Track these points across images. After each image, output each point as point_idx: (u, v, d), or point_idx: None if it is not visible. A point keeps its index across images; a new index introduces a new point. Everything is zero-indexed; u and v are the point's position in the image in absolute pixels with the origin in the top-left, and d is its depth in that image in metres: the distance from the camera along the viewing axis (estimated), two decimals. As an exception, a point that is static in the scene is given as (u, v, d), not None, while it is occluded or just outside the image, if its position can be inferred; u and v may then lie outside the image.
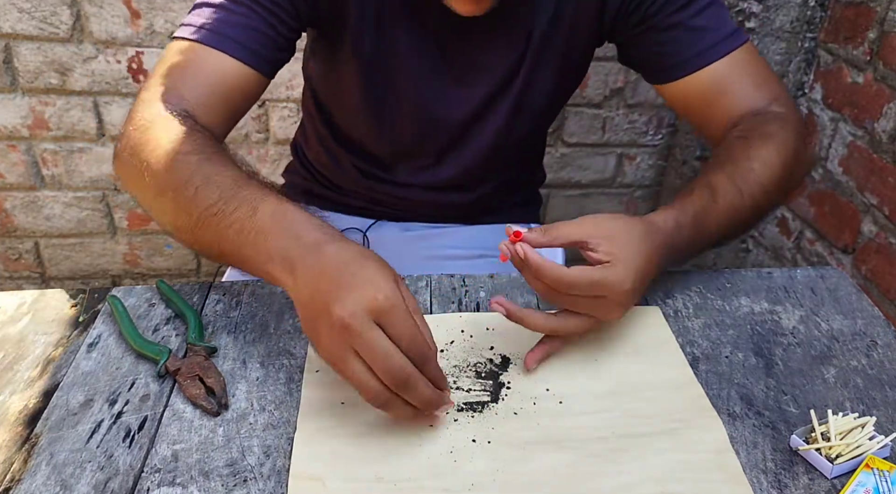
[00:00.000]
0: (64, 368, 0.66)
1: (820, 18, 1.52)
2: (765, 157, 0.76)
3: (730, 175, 0.74)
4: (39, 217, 1.63)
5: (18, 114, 1.50)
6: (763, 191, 0.75)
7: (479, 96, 0.88)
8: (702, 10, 0.81)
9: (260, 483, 0.55)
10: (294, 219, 0.60)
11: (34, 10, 1.39)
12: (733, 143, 0.78)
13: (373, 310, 0.53)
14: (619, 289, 0.61)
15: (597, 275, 0.61)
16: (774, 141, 0.77)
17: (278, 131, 1.59)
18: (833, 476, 0.57)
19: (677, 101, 0.87)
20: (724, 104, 0.82)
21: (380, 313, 0.53)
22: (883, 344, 0.72)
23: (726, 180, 0.73)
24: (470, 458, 0.57)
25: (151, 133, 0.70)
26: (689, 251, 0.71)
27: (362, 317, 0.52)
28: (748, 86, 0.82)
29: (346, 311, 0.52)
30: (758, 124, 0.79)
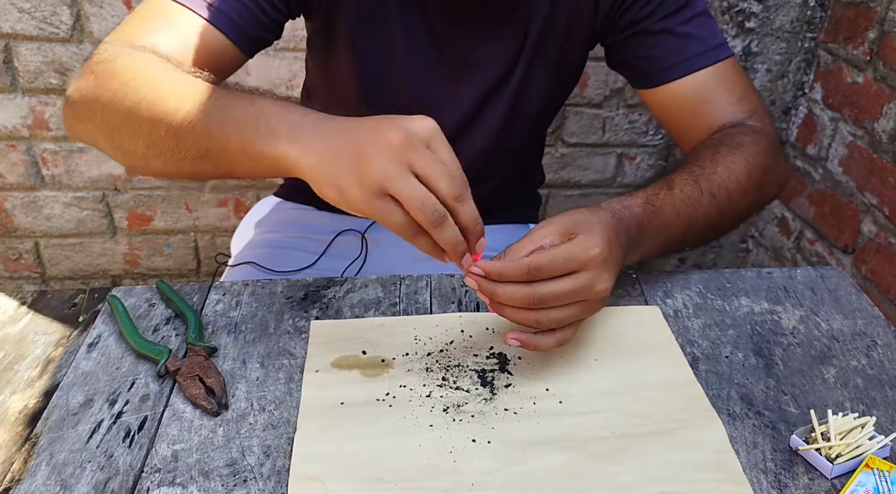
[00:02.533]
0: (64, 368, 0.66)
1: (820, 18, 1.52)
2: (730, 164, 0.76)
3: (690, 173, 0.74)
4: (39, 217, 1.63)
5: (18, 114, 1.50)
6: (725, 194, 0.75)
7: (475, 94, 0.88)
8: (691, 19, 0.82)
9: (260, 483, 0.55)
10: (296, 106, 0.60)
11: (34, 10, 1.39)
12: (702, 151, 0.78)
13: (427, 133, 0.55)
14: (593, 253, 0.59)
15: (565, 247, 0.58)
16: (743, 151, 0.77)
17: (278, 131, 1.59)
18: (833, 476, 0.57)
19: (659, 108, 0.87)
20: (705, 114, 0.83)
21: (433, 138, 0.55)
22: (883, 344, 0.72)
23: (686, 177, 0.74)
24: (470, 458, 0.57)
25: (120, 61, 0.67)
26: (648, 236, 0.69)
27: (420, 137, 0.55)
28: (729, 98, 0.83)
29: (405, 130, 0.54)
30: (730, 135, 0.80)
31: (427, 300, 0.76)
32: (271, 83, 1.51)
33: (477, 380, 0.65)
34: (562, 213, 0.63)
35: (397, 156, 0.54)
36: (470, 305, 0.75)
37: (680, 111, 0.85)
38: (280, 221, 1.05)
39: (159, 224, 1.69)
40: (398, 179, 0.53)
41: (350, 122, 0.57)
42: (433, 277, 0.80)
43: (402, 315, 0.74)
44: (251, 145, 0.58)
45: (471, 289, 0.77)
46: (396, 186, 0.53)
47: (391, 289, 0.77)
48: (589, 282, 0.59)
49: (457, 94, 0.88)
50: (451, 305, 0.75)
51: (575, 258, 0.59)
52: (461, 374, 0.66)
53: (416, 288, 0.78)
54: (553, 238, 0.60)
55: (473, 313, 0.74)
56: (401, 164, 0.53)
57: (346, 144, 0.55)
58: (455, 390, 0.64)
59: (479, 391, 0.64)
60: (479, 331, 0.71)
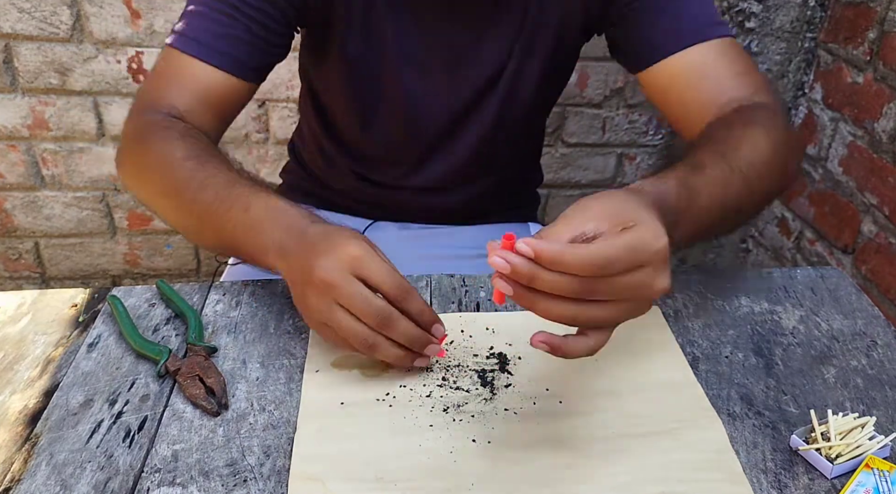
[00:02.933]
0: (64, 368, 0.66)
1: (820, 18, 1.52)
2: (752, 140, 0.70)
3: (715, 151, 0.67)
4: (39, 217, 1.63)
5: (18, 114, 1.50)
6: (755, 171, 0.67)
7: (469, 90, 0.88)
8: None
9: (260, 483, 0.55)
10: (282, 211, 0.66)
11: (34, 10, 1.39)
12: (715, 130, 0.72)
13: (348, 264, 0.59)
14: (658, 246, 0.50)
15: (630, 238, 0.49)
16: (760, 126, 0.72)
17: (278, 131, 1.59)
18: (833, 476, 0.57)
19: (656, 90, 0.83)
20: (703, 89, 0.78)
21: (354, 265, 0.59)
22: (883, 344, 0.72)
23: (712, 155, 0.66)
24: (470, 458, 0.57)
25: (147, 142, 0.75)
26: (686, 223, 0.60)
27: (340, 272, 0.59)
28: (729, 73, 0.78)
29: (326, 270, 0.59)
30: (740, 111, 0.75)
31: (427, 300, 0.76)
32: (272, 83, 1.51)
33: (477, 380, 0.65)
34: (595, 196, 0.53)
35: (325, 295, 0.60)
36: (470, 305, 0.75)
37: (676, 89, 0.80)
38: None
39: (159, 224, 1.69)
40: (330, 315, 0.60)
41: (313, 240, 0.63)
42: (433, 277, 0.80)
43: (402, 315, 0.74)
44: (250, 255, 0.68)
45: (471, 289, 0.77)
46: (331, 322, 0.60)
47: (391, 289, 0.77)
48: (649, 279, 0.50)
49: (451, 91, 0.88)
50: (451, 305, 0.75)
51: (643, 249, 0.49)
52: (461, 374, 0.66)
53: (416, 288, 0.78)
54: (598, 224, 0.50)
55: (473, 313, 0.74)
56: (330, 302, 0.59)
57: (301, 276, 0.62)
58: (455, 390, 0.64)
59: (479, 391, 0.64)
60: (479, 331, 0.71)
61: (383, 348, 0.60)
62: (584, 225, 0.50)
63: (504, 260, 0.48)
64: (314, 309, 0.61)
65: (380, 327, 0.59)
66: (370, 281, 0.59)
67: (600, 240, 0.49)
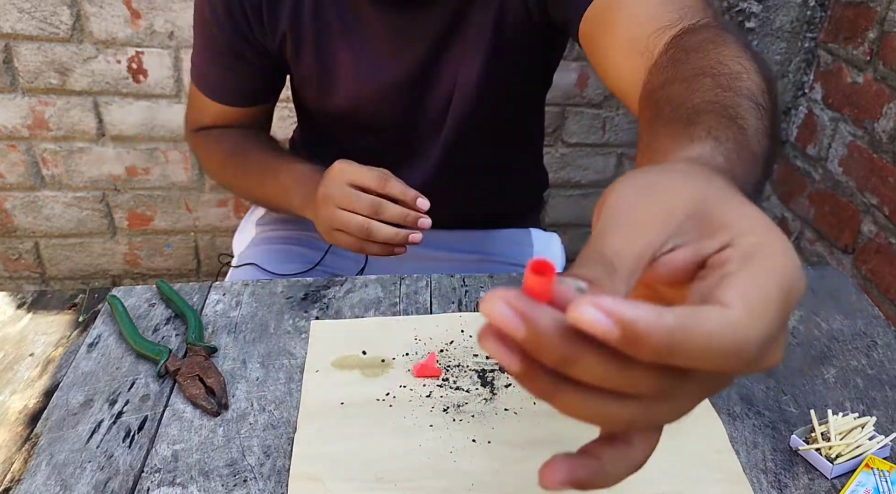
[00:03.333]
0: (64, 368, 0.66)
1: (820, 18, 1.52)
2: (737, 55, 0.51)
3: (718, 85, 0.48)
4: (39, 217, 1.64)
5: (18, 114, 1.50)
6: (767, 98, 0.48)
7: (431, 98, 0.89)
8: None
9: (260, 483, 0.55)
10: (300, 173, 0.85)
11: (34, 10, 1.39)
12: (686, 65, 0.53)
13: (336, 178, 0.75)
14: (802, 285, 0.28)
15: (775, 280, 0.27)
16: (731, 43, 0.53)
17: (278, 131, 1.58)
18: (833, 476, 0.57)
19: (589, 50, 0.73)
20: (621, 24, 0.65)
21: (341, 177, 0.75)
22: (883, 344, 0.72)
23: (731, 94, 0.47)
24: (470, 458, 0.57)
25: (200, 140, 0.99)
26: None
27: (332, 185, 0.75)
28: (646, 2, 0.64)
29: (324, 188, 0.76)
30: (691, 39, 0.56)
31: (427, 300, 0.76)
32: (271, 83, 1.51)
33: (477, 380, 0.65)
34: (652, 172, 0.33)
35: (328, 206, 0.76)
36: (470, 305, 0.75)
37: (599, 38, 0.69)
38: (281, 219, 1.05)
39: (159, 224, 1.69)
40: (335, 218, 0.75)
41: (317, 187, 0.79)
42: (433, 277, 0.80)
43: (402, 315, 0.74)
44: (288, 209, 0.89)
45: (471, 289, 0.77)
46: (336, 223, 0.75)
47: (391, 289, 0.77)
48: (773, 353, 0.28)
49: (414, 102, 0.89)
50: (451, 305, 0.75)
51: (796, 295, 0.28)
52: (461, 374, 0.66)
53: (416, 288, 0.78)
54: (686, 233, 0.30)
55: (473, 313, 0.74)
56: (333, 209, 0.75)
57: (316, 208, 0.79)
58: (455, 390, 0.64)
59: (479, 391, 0.64)
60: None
61: (378, 228, 0.73)
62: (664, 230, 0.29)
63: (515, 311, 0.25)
64: (325, 219, 0.76)
65: (372, 214, 0.73)
66: (356, 184, 0.74)
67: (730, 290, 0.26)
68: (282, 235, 1.02)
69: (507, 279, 0.79)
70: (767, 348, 0.27)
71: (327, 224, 0.76)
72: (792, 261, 0.28)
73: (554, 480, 0.31)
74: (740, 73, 0.49)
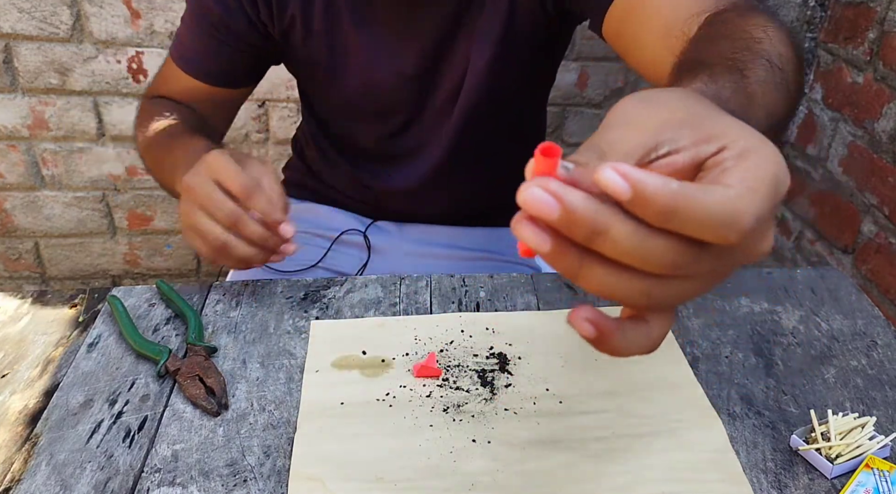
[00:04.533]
0: (64, 368, 0.66)
1: (820, 18, 1.52)
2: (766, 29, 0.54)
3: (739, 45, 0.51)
4: (39, 217, 1.63)
5: (18, 114, 1.50)
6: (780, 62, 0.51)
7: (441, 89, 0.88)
8: None
9: (260, 483, 0.55)
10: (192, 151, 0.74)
11: (34, 10, 1.39)
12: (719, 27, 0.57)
13: (205, 170, 0.65)
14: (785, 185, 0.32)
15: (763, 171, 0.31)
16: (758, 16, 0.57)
17: (278, 131, 1.59)
18: (833, 476, 0.57)
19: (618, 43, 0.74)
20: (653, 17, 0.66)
21: (209, 170, 0.65)
22: (883, 344, 0.72)
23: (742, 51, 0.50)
24: (470, 458, 0.57)
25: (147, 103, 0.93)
26: None
27: (198, 177, 0.66)
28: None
29: (188, 177, 0.67)
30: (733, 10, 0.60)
31: (427, 300, 0.76)
32: (271, 83, 1.51)
33: (477, 380, 0.65)
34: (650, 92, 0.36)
35: (188, 200, 0.67)
36: (470, 305, 0.75)
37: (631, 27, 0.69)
38: None
39: (159, 224, 1.69)
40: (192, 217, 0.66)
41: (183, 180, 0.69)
42: (433, 277, 0.80)
43: (402, 315, 0.74)
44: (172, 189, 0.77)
45: (471, 289, 0.77)
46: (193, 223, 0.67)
47: (391, 289, 0.77)
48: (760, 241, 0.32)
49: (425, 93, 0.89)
50: (451, 305, 0.75)
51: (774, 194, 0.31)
52: (461, 374, 0.66)
53: (416, 288, 0.78)
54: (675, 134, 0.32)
55: (473, 313, 0.74)
56: (192, 205, 0.66)
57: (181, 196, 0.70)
58: (455, 390, 0.64)
59: (479, 391, 0.64)
60: (479, 331, 0.71)
61: (234, 246, 0.65)
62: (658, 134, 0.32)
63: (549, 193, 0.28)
64: (183, 213, 0.68)
65: (230, 226, 0.65)
66: (221, 183, 0.65)
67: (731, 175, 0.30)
68: None
69: (507, 279, 0.79)
70: (759, 228, 0.30)
71: (184, 218, 0.68)
72: (780, 159, 0.32)
73: (580, 315, 0.32)
74: (761, 39, 0.52)
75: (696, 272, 0.31)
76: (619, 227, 0.29)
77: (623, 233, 0.29)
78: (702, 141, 0.32)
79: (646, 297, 0.31)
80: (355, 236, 1.01)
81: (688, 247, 0.29)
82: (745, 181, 0.30)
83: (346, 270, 0.98)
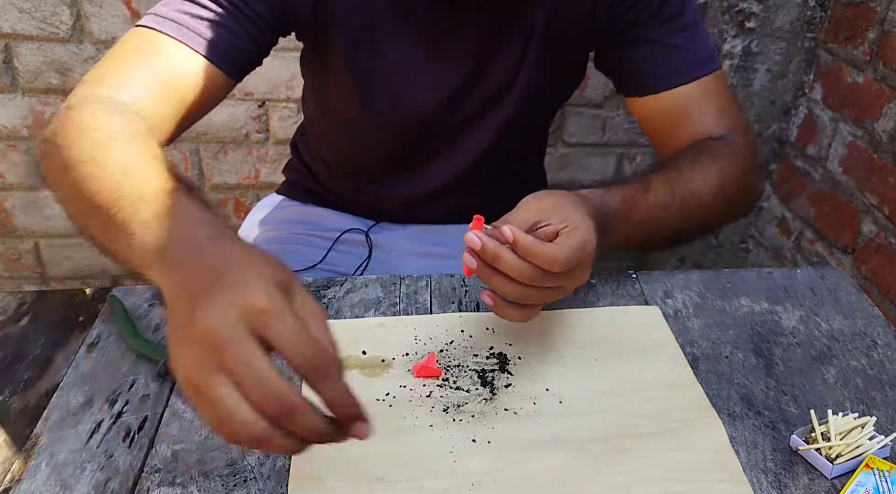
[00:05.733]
0: (64, 368, 0.66)
1: (820, 18, 1.52)
2: (706, 173, 0.76)
3: (667, 177, 0.75)
4: (39, 217, 1.63)
5: (18, 114, 1.50)
6: (697, 203, 0.74)
7: (477, 103, 0.88)
8: (683, 29, 0.82)
9: (260, 483, 0.55)
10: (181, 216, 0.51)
11: (34, 10, 1.39)
12: (681, 157, 0.79)
13: (246, 317, 0.41)
14: (591, 249, 0.61)
15: (578, 239, 0.60)
16: (720, 163, 0.78)
17: (278, 131, 1.59)
18: (833, 476, 0.57)
19: (642, 115, 0.87)
20: (686, 126, 0.83)
21: (257, 321, 0.41)
22: (883, 344, 0.72)
23: (662, 180, 0.74)
24: (470, 458, 0.57)
25: (76, 111, 0.65)
26: (617, 233, 0.69)
27: (233, 326, 0.41)
28: (712, 111, 0.83)
29: (212, 319, 0.41)
30: (710, 147, 0.80)
31: (427, 300, 0.76)
32: (272, 83, 1.51)
33: (477, 380, 0.65)
34: (550, 192, 0.65)
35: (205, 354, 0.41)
36: (470, 305, 0.75)
37: (662, 121, 0.85)
38: (283, 219, 1.05)
39: (159, 224, 1.68)
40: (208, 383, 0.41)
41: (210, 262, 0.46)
42: (433, 277, 0.80)
43: (402, 315, 0.74)
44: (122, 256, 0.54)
45: (471, 289, 0.77)
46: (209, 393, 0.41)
47: (391, 289, 0.77)
48: (580, 276, 0.62)
49: (459, 104, 0.88)
50: (451, 305, 0.75)
51: (584, 249, 0.60)
52: (461, 374, 0.66)
53: (416, 288, 0.78)
54: (550, 216, 0.62)
55: (473, 313, 0.74)
56: (210, 367, 0.41)
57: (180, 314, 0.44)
58: (455, 390, 0.64)
59: (479, 391, 0.64)
60: (479, 331, 0.71)
61: (271, 440, 0.42)
62: (539, 214, 0.62)
63: (477, 238, 0.59)
64: (184, 366, 0.42)
65: (277, 418, 0.41)
66: (275, 346, 0.42)
67: (559, 239, 0.60)
68: (285, 235, 1.02)
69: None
70: (573, 268, 0.60)
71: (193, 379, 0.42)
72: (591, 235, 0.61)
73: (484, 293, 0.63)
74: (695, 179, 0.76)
75: (546, 285, 0.60)
76: (507, 256, 0.58)
77: (509, 258, 0.58)
78: (559, 220, 0.61)
79: (521, 296, 0.61)
80: (357, 235, 1.01)
81: (539, 271, 0.58)
82: (564, 242, 0.59)
83: (346, 270, 0.98)
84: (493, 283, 0.60)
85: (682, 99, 0.83)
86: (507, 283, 0.59)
